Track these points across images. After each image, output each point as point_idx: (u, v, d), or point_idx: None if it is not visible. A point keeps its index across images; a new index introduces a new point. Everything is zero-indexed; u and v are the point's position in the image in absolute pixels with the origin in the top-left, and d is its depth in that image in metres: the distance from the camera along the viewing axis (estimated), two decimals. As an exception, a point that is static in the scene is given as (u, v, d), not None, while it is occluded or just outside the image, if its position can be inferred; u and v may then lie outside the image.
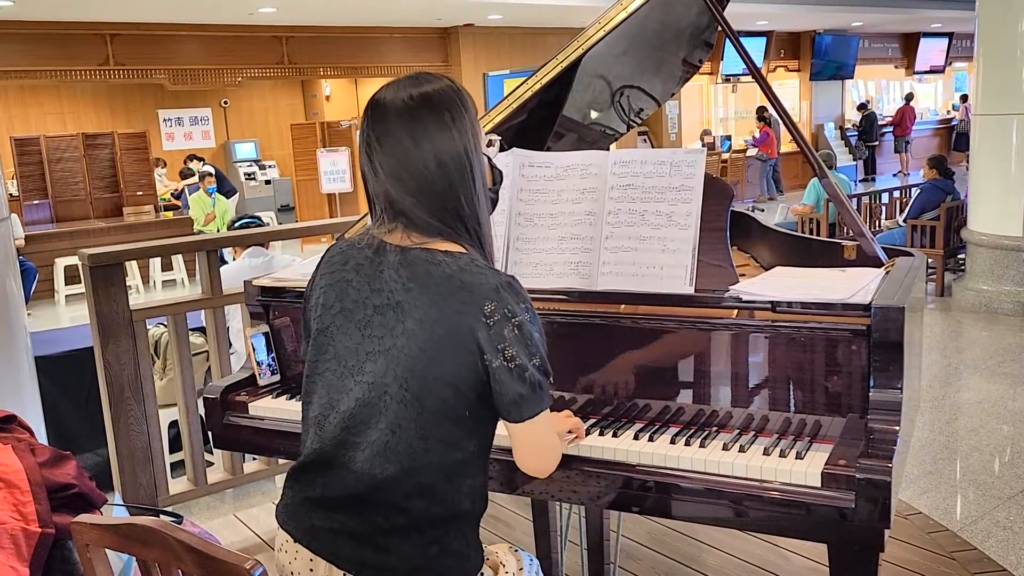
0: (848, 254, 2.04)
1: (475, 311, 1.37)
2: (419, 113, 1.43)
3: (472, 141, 1.46)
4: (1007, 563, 2.97)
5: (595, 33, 2.21)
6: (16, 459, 2.01)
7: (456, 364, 1.38)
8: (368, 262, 1.47)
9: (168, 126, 13.47)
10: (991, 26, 6.41)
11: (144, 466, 3.32)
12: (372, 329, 1.43)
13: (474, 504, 1.48)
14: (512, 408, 1.40)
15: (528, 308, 1.42)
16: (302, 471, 1.50)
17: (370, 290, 1.44)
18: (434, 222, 1.43)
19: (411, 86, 1.46)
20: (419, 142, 1.42)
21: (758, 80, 2.17)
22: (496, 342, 1.37)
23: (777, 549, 2.99)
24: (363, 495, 1.42)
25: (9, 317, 3.03)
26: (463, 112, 1.46)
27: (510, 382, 1.38)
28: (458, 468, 1.43)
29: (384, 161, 1.44)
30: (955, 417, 4.45)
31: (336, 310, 1.48)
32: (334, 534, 1.43)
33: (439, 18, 11.82)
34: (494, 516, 3.38)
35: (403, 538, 1.41)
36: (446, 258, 1.41)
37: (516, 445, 1.47)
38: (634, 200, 1.89)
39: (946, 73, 20.01)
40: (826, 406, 1.66)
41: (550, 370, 1.44)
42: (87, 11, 9.39)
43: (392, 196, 1.44)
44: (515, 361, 1.37)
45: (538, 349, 1.41)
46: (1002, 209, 6.36)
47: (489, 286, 1.39)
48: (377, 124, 1.45)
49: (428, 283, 1.40)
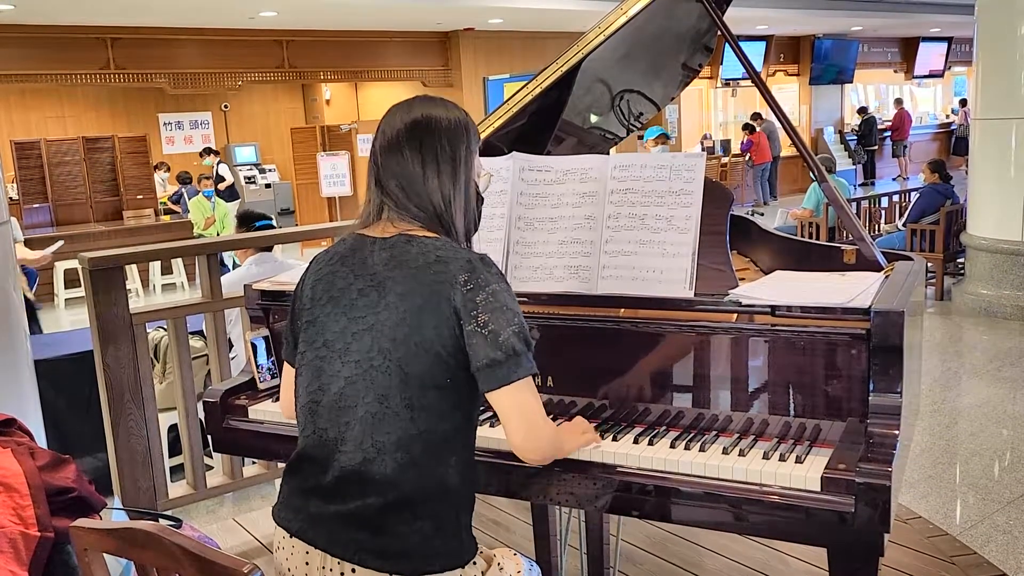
0: (848, 258, 2.05)
1: (451, 279, 1.45)
2: (427, 136, 1.55)
3: (467, 174, 1.59)
4: (1007, 567, 2.97)
5: (595, 37, 2.21)
6: (16, 463, 2.01)
7: (435, 330, 1.44)
8: (351, 253, 1.57)
9: (168, 130, 13.48)
10: (990, 31, 6.42)
11: (143, 470, 3.32)
12: (357, 310, 1.51)
13: (463, 481, 1.51)
14: (486, 373, 1.44)
15: (501, 280, 1.49)
16: (298, 463, 1.54)
17: (354, 276, 1.54)
18: (417, 211, 1.55)
19: (441, 109, 1.58)
20: (428, 170, 1.54)
21: (757, 84, 2.18)
22: (469, 308, 1.44)
23: (777, 553, 2.98)
24: (356, 473, 1.45)
25: (9, 321, 3.03)
26: (469, 147, 1.59)
27: (483, 346, 1.43)
28: (445, 439, 1.47)
29: (388, 164, 1.56)
30: (955, 421, 4.45)
31: (324, 300, 1.56)
32: (330, 521, 1.46)
33: (439, 22, 11.82)
34: (494, 520, 3.37)
35: (397, 515, 1.44)
36: (424, 239, 1.52)
37: (502, 419, 1.50)
38: (634, 204, 1.90)
39: (945, 77, 20.04)
40: (826, 410, 1.66)
41: (528, 339, 1.48)
42: (88, 15, 9.39)
43: (384, 187, 1.56)
44: (488, 327, 1.43)
45: (516, 316, 1.47)
46: (1002, 213, 6.36)
47: (463, 259, 1.49)
48: (390, 130, 1.56)
49: (407, 260, 1.49)
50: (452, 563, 1.47)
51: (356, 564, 1.43)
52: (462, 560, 1.49)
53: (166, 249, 4.17)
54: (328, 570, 1.45)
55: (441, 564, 1.46)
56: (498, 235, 1.99)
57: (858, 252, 2.01)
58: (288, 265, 4.00)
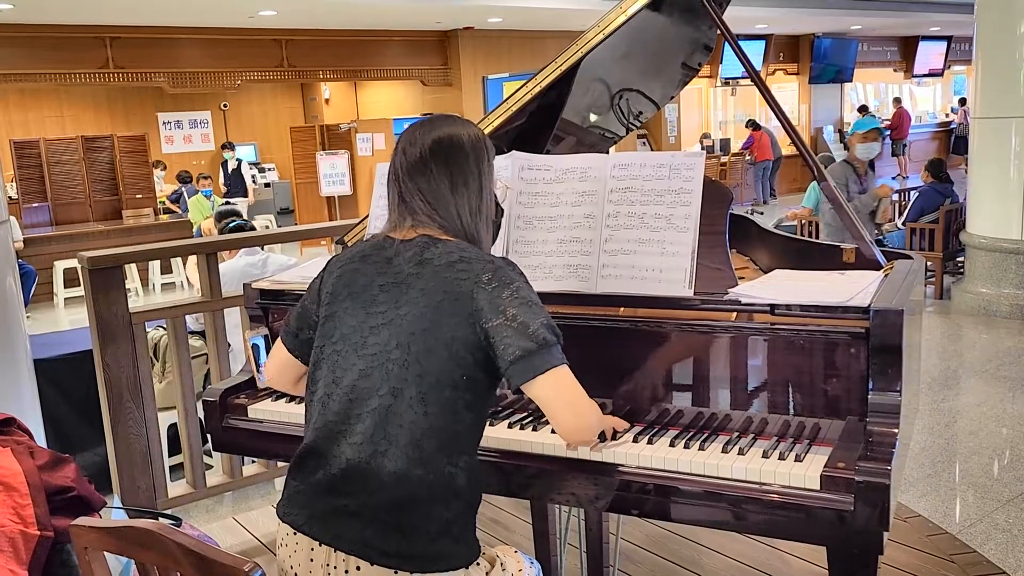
0: (847, 257, 2.05)
1: (474, 277, 1.49)
2: (453, 154, 1.60)
3: (489, 187, 1.65)
4: (1006, 566, 2.97)
5: (594, 36, 2.21)
6: (15, 462, 2.01)
7: (455, 325, 1.47)
8: (375, 252, 1.60)
9: (168, 129, 13.47)
10: (990, 30, 6.41)
11: (143, 469, 3.32)
12: (377, 306, 1.54)
13: (470, 483, 1.50)
14: (521, 366, 1.45)
15: (524, 279, 1.53)
16: (305, 457, 1.54)
17: (376, 273, 1.57)
18: (440, 223, 1.59)
19: (461, 127, 1.64)
20: (455, 187, 1.59)
21: (757, 83, 2.18)
22: (496, 304, 1.47)
23: (776, 552, 2.98)
24: (365, 466, 1.45)
25: (8, 320, 3.03)
26: (489, 161, 1.65)
27: (514, 338, 1.45)
28: (455, 439, 1.48)
29: (414, 178, 1.60)
30: (954, 420, 4.45)
31: (343, 296, 1.58)
32: (337, 515, 1.46)
33: (439, 21, 11.82)
34: (494, 519, 3.38)
35: (404, 513, 1.43)
36: (448, 241, 1.57)
37: (545, 410, 1.51)
38: (633, 203, 1.90)
39: (945, 76, 20.03)
40: (825, 409, 1.66)
41: (558, 331, 1.50)
42: (87, 14, 9.39)
43: (408, 201, 1.61)
44: (518, 319, 1.46)
45: (541, 310, 1.50)
46: (1001, 212, 6.37)
47: (486, 260, 1.53)
48: (435, 158, 1.60)
49: (431, 259, 1.53)
50: (457, 563, 1.47)
51: (362, 559, 1.43)
52: (467, 561, 1.49)
53: (165, 248, 4.17)
54: (333, 567, 1.45)
55: (446, 564, 1.46)
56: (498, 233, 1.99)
57: (857, 251, 2.01)
58: (278, 259, 4.17)
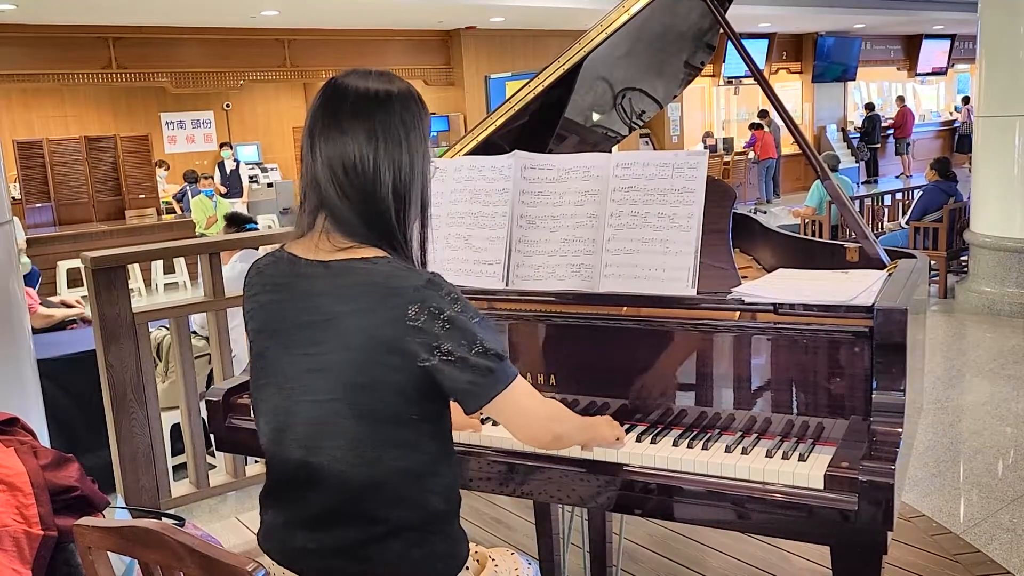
0: (850, 256, 2.04)
1: (402, 316, 1.32)
2: (377, 112, 1.38)
3: (421, 158, 1.42)
4: (1010, 565, 2.96)
5: (597, 35, 2.21)
6: (19, 462, 2.02)
7: (394, 370, 1.35)
8: (289, 282, 1.43)
9: (170, 129, 13.48)
10: (993, 28, 6.40)
11: (146, 469, 3.32)
12: (306, 347, 1.39)
13: (448, 503, 1.47)
14: (468, 398, 1.39)
15: (455, 299, 1.36)
16: (273, 493, 1.50)
17: (296, 309, 1.41)
18: (359, 224, 1.39)
19: (378, 82, 1.41)
20: (369, 142, 1.37)
21: (760, 82, 2.18)
22: (429, 341, 1.33)
23: (780, 552, 2.98)
24: (338, 509, 1.41)
25: (12, 320, 3.03)
26: (420, 124, 1.42)
27: (456, 375, 1.35)
28: (425, 470, 1.42)
29: (326, 149, 1.38)
30: (958, 419, 4.44)
31: (267, 334, 1.45)
32: (317, 554, 1.43)
33: (441, 21, 11.82)
34: (495, 518, 3.37)
35: (384, 547, 1.41)
36: (368, 265, 1.37)
37: (504, 426, 1.47)
38: (636, 202, 1.89)
39: (948, 75, 20.00)
40: (829, 408, 1.66)
41: (499, 351, 1.38)
42: (90, 14, 9.40)
43: (321, 186, 1.39)
44: (453, 355, 1.34)
45: (475, 335, 1.35)
46: (1005, 211, 6.35)
47: (411, 287, 1.34)
48: (330, 108, 1.39)
49: (358, 293, 1.35)
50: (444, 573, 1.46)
51: None
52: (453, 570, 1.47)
53: (168, 248, 4.18)
54: None
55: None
56: (500, 233, 1.99)
57: (861, 250, 2.01)
58: None
